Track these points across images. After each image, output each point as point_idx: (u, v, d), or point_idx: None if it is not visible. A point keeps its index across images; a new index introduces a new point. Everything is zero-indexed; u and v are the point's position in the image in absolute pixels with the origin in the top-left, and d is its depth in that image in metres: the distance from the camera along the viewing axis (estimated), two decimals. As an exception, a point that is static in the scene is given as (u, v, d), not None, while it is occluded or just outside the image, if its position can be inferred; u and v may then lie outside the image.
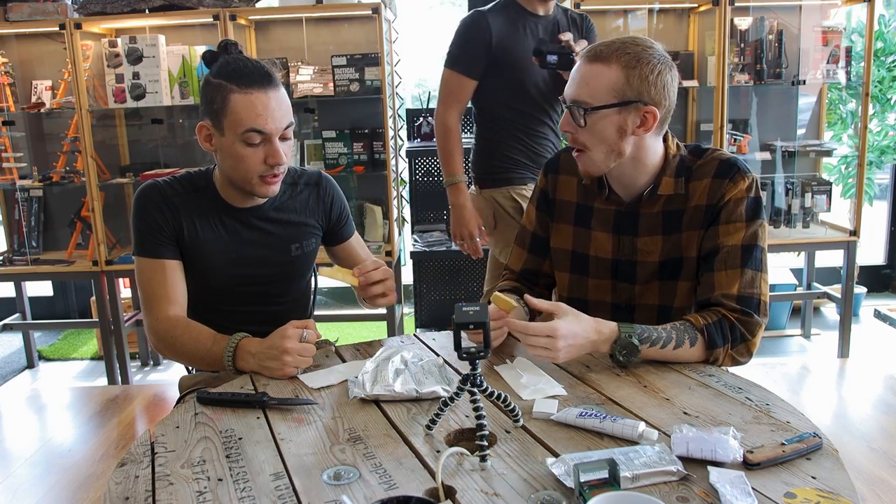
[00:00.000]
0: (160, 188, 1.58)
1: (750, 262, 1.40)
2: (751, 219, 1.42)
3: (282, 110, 1.47)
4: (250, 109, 1.43)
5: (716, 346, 1.36)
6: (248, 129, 1.44)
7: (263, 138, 1.46)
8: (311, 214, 1.70)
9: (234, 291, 1.64)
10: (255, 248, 1.62)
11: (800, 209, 3.43)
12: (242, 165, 1.48)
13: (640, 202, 1.49)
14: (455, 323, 1.07)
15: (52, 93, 3.44)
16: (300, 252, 1.69)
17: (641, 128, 1.39)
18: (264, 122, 1.44)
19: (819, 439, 1.04)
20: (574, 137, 1.43)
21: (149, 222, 1.54)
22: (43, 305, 4.14)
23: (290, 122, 1.50)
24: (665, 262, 1.50)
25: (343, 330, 3.93)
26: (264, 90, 1.44)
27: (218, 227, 1.60)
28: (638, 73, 1.36)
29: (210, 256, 1.59)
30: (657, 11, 3.40)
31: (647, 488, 0.94)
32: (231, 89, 1.43)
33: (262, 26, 3.48)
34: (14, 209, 3.54)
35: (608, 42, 1.39)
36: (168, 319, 1.50)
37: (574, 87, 1.41)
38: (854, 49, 3.41)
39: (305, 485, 1.00)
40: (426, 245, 3.26)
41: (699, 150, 1.50)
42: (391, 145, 3.38)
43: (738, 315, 1.38)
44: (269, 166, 1.48)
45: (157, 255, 1.54)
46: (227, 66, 1.46)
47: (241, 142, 1.46)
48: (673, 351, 1.35)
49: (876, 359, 3.44)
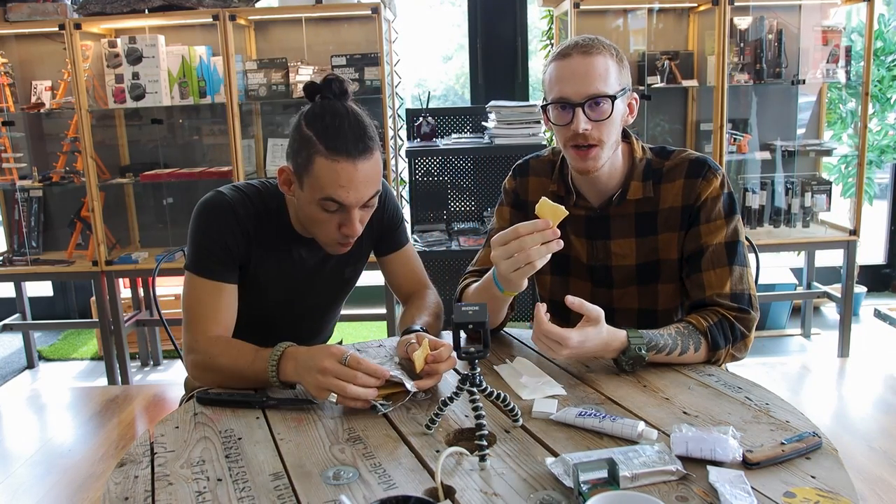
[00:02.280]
0: (232, 206, 1.44)
1: (735, 259, 1.42)
2: (729, 215, 1.43)
3: (368, 183, 1.33)
4: (334, 179, 1.30)
5: (719, 347, 1.37)
6: (327, 198, 1.32)
7: (341, 207, 1.34)
8: (367, 230, 1.52)
9: (278, 315, 1.59)
10: (314, 277, 1.57)
11: (800, 209, 3.43)
12: (316, 228, 1.40)
13: (610, 206, 1.49)
14: (455, 323, 1.07)
15: (51, 93, 3.44)
16: (353, 274, 1.64)
17: (630, 115, 1.45)
18: (345, 195, 1.32)
19: (819, 439, 1.04)
20: (588, 135, 1.38)
21: (215, 241, 1.42)
22: (43, 305, 4.14)
23: (377, 191, 1.37)
24: (642, 265, 1.50)
25: (343, 330, 3.93)
26: (353, 161, 1.30)
27: (285, 256, 1.52)
28: (623, 62, 1.42)
29: (268, 282, 1.52)
30: (657, 11, 3.40)
31: (646, 488, 0.94)
32: (318, 150, 1.30)
33: (261, 26, 3.48)
34: (14, 209, 3.54)
35: (583, 38, 1.40)
36: (208, 339, 1.40)
37: (587, 82, 1.36)
38: (854, 48, 3.41)
39: (305, 485, 1.00)
40: (426, 245, 3.26)
41: (665, 151, 1.50)
42: (391, 145, 3.38)
43: (736, 313, 1.39)
44: (343, 234, 1.39)
45: (216, 278, 1.43)
46: (322, 119, 1.31)
47: (318, 206, 1.35)
48: (678, 356, 1.35)
49: (876, 358, 3.44)
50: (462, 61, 4.67)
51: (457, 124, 3.60)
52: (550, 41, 3.83)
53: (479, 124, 3.55)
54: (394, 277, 1.69)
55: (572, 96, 1.38)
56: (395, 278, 1.69)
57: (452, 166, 3.58)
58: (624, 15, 3.44)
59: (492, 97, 3.50)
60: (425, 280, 1.69)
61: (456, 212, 3.62)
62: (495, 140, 3.21)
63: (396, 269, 1.68)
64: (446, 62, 6.34)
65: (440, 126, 3.54)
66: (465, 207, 3.62)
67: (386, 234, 1.65)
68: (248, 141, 3.45)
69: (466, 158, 3.55)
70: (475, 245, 3.20)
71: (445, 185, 3.60)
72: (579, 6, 3.12)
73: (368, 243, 1.64)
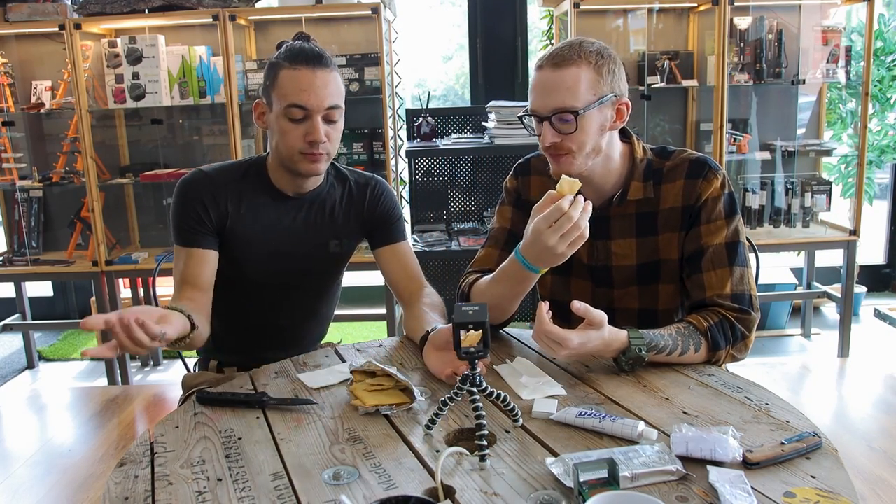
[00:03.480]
0: (207, 176, 1.59)
1: (736, 260, 1.41)
2: (729, 216, 1.43)
3: (327, 90, 1.48)
4: (295, 84, 1.46)
5: (719, 347, 1.36)
6: (291, 104, 1.47)
7: (305, 114, 1.48)
8: (356, 213, 1.69)
9: (266, 280, 1.65)
10: (294, 239, 1.63)
11: (800, 209, 3.43)
12: (284, 140, 1.50)
13: (610, 206, 1.49)
14: (455, 323, 1.07)
15: (51, 93, 3.44)
16: (339, 249, 1.69)
17: (618, 120, 1.42)
18: (307, 98, 1.46)
19: (818, 439, 1.04)
20: (559, 145, 1.40)
21: (189, 212, 1.56)
22: (43, 306, 4.14)
23: (337, 105, 1.51)
24: (642, 265, 1.50)
25: (343, 330, 3.93)
26: (311, 68, 1.47)
27: (264, 212, 1.61)
28: (607, 68, 1.38)
29: (251, 242, 1.60)
30: (657, 11, 3.40)
31: (646, 488, 0.94)
32: (282, 66, 1.48)
33: (261, 26, 3.48)
34: (14, 209, 3.54)
35: (563, 46, 1.38)
36: (177, 300, 1.50)
37: (553, 96, 1.37)
38: (854, 48, 3.41)
39: (305, 485, 1.00)
40: (426, 245, 3.26)
41: (665, 151, 1.50)
42: (391, 145, 3.38)
43: (736, 314, 1.38)
44: (309, 143, 1.49)
45: (192, 245, 1.56)
46: (288, 49, 1.51)
47: (285, 116, 1.48)
48: (678, 357, 1.35)
49: (876, 358, 3.43)
50: (462, 61, 4.67)
51: (457, 124, 3.60)
52: (550, 41, 3.83)
53: (479, 124, 3.55)
54: (390, 273, 1.72)
55: (540, 109, 1.39)
56: (392, 274, 1.71)
57: (452, 166, 3.58)
58: (624, 15, 3.44)
59: (492, 97, 3.50)
60: (422, 279, 1.71)
61: (456, 212, 3.62)
62: (495, 140, 3.21)
63: (392, 265, 1.71)
64: (446, 62, 6.34)
65: (440, 126, 3.55)
66: (465, 207, 3.62)
67: (380, 227, 1.71)
68: (248, 141, 3.45)
69: (466, 158, 3.55)
70: (475, 245, 3.20)
71: (445, 185, 3.60)
72: (579, 6, 3.12)
73: (356, 225, 1.69)
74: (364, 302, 4.00)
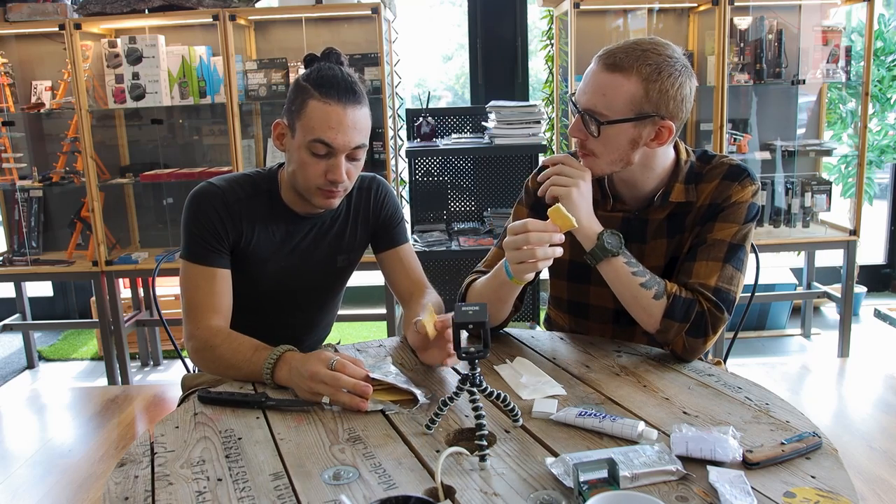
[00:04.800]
0: (221, 192, 1.51)
1: (733, 260, 1.39)
2: (746, 221, 1.41)
3: (356, 129, 1.42)
4: (324, 120, 1.40)
5: (673, 318, 1.33)
6: (317, 139, 1.41)
7: (329, 151, 1.42)
8: (363, 219, 1.66)
9: (273, 297, 1.62)
10: (304, 256, 1.60)
11: (800, 209, 3.43)
12: (303, 173, 1.45)
13: (650, 208, 1.46)
14: (455, 323, 1.07)
15: (51, 93, 3.44)
16: (345, 263, 1.67)
17: (655, 141, 1.37)
18: (333, 136, 1.40)
19: (818, 439, 1.04)
20: (583, 143, 1.39)
21: (205, 227, 1.49)
22: (43, 306, 4.14)
23: (363, 144, 1.46)
24: (668, 265, 1.48)
25: (343, 330, 3.93)
26: (343, 104, 1.40)
27: (275, 232, 1.57)
28: (658, 87, 1.31)
29: (261, 262, 1.56)
30: (657, 11, 3.40)
31: (646, 488, 0.94)
32: (312, 94, 1.40)
33: (261, 26, 3.48)
34: (14, 209, 3.54)
35: (628, 47, 1.32)
36: (209, 329, 1.45)
37: (589, 95, 1.35)
38: (854, 48, 3.41)
39: (305, 485, 1.00)
40: (426, 245, 3.26)
41: (707, 156, 1.49)
42: (391, 145, 3.38)
43: (711, 306, 1.35)
44: (329, 181, 1.44)
45: (209, 263, 1.49)
46: (318, 72, 1.43)
47: (307, 149, 1.42)
48: (639, 287, 1.34)
49: (876, 358, 3.43)
50: (462, 61, 4.67)
51: (457, 124, 3.60)
52: (550, 41, 3.83)
53: (479, 124, 3.55)
54: (392, 276, 1.70)
55: (578, 100, 1.38)
56: (394, 276, 1.70)
57: (452, 166, 3.58)
58: (624, 15, 3.44)
59: (492, 97, 3.50)
60: (424, 281, 1.69)
61: (456, 212, 3.62)
62: (495, 140, 3.21)
63: (394, 268, 1.70)
64: (446, 62, 6.35)
65: (440, 126, 3.55)
66: (465, 207, 3.62)
67: (384, 230, 1.69)
68: (248, 141, 3.45)
69: (466, 158, 3.55)
70: (475, 245, 3.20)
71: (445, 185, 3.60)
72: (579, 6, 3.12)
73: (363, 235, 1.67)
74: (364, 302, 4.00)
